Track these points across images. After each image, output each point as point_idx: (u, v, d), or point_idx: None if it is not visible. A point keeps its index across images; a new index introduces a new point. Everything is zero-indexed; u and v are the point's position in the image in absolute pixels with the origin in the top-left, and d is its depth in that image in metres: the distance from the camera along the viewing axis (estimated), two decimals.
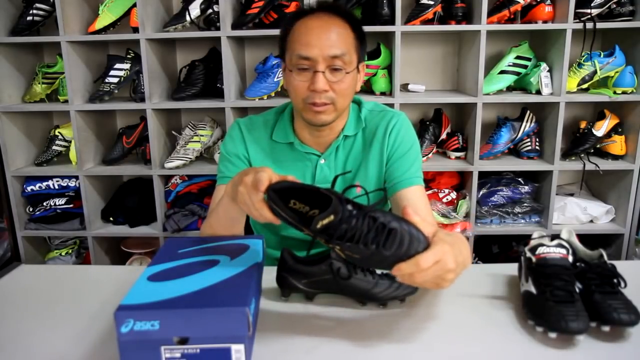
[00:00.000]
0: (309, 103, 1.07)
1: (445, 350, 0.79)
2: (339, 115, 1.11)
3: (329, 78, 1.05)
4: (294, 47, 1.06)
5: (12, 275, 1.11)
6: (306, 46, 1.04)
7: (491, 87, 2.00)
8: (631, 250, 2.07)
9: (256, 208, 0.79)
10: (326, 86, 1.04)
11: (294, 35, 1.07)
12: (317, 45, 1.03)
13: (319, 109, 1.07)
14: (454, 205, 2.10)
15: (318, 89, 1.04)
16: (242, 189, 0.81)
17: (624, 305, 0.80)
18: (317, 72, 1.04)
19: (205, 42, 2.16)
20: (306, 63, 1.04)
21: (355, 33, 1.09)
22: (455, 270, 0.74)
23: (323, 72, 1.04)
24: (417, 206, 1.11)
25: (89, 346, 0.82)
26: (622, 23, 1.91)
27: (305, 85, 1.06)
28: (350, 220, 0.71)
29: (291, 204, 0.78)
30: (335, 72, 1.05)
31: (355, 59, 1.08)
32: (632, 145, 2.01)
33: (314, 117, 1.08)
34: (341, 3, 1.93)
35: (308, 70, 1.05)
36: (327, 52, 1.03)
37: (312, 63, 1.04)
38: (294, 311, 0.91)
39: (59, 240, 2.26)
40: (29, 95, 2.15)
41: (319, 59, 1.03)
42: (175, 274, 0.79)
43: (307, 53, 1.03)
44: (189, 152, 2.09)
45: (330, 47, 1.03)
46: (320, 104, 1.06)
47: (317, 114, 1.08)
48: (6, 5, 2.05)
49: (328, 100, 1.06)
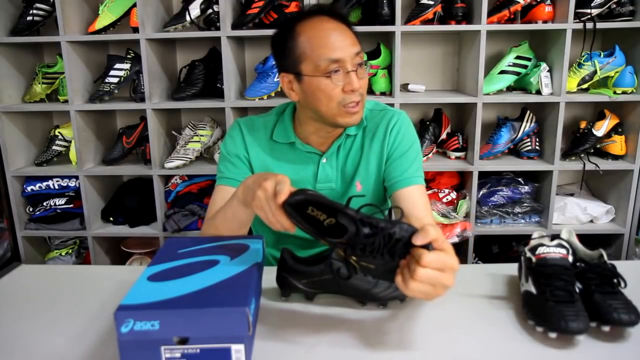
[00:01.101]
0: (346, 105, 1.05)
1: (446, 350, 0.79)
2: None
3: (359, 76, 1.05)
4: (320, 52, 1.03)
5: (12, 275, 1.11)
6: (334, 49, 1.03)
7: (491, 87, 2.00)
8: (631, 250, 2.07)
9: (274, 215, 0.80)
10: (359, 84, 1.05)
11: (310, 43, 1.04)
12: (342, 46, 1.04)
13: (356, 109, 1.06)
14: (454, 205, 2.10)
15: (356, 88, 1.04)
16: (261, 194, 0.81)
17: (624, 305, 0.80)
18: (350, 72, 1.04)
19: (205, 42, 2.16)
20: (336, 65, 1.03)
21: (354, 33, 1.10)
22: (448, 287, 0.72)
23: (354, 70, 1.04)
24: (416, 205, 1.11)
25: (89, 346, 0.82)
26: (622, 23, 1.91)
27: (339, 88, 1.04)
28: (367, 240, 0.72)
29: (309, 211, 0.78)
30: (361, 69, 1.06)
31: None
32: (632, 145, 2.01)
33: (351, 118, 1.08)
34: (341, 4, 1.93)
35: (339, 73, 1.04)
36: (352, 50, 1.04)
37: (341, 64, 1.04)
38: (294, 311, 0.91)
39: (59, 240, 2.26)
40: (29, 95, 2.15)
41: (348, 59, 1.04)
42: (175, 274, 0.79)
43: (338, 55, 1.03)
44: (189, 152, 2.09)
45: (352, 45, 1.05)
46: (358, 103, 1.06)
47: (354, 114, 1.07)
48: (6, 5, 2.05)
49: (360, 98, 1.07)
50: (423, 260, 0.69)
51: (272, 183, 0.80)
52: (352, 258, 0.74)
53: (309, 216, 0.78)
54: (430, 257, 0.69)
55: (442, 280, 0.70)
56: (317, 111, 1.08)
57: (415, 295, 0.72)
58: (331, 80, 1.03)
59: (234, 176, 1.16)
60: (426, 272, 0.69)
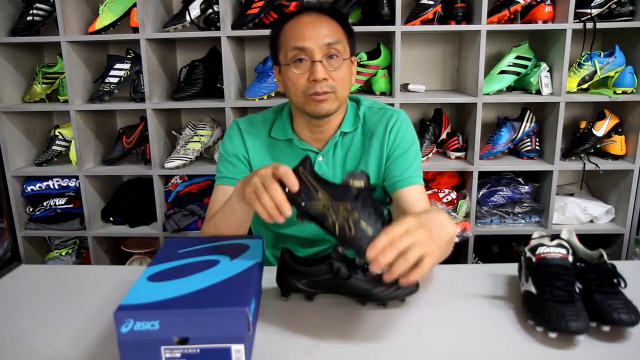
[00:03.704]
0: (310, 94, 1.07)
1: (446, 350, 0.79)
2: (340, 105, 1.12)
3: (327, 67, 1.06)
4: (288, 42, 1.07)
5: (12, 275, 1.11)
6: (301, 38, 1.06)
7: (491, 87, 2.00)
8: (631, 250, 2.07)
9: (270, 190, 0.79)
10: (326, 74, 1.05)
11: (286, 34, 1.09)
12: (311, 36, 1.05)
13: (321, 97, 1.07)
14: (454, 205, 2.10)
15: (318, 78, 1.05)
16: (257, 180, 0.82)
17: (624, 305, 0.80)
18: (315, 62, 1.05)
19: (205, 42, 2.16)
20: (302, 54, 1.06)
21: (343, 27, 1.11)
22: (433, 239, 0.75)
23: (320, 61, 1.05)
24: (417, 205, 1.11)
25: (89, 346, 0.82)
26: (622, 23, 1.91)
27: (304, 77, 1.06)
28: (374, 196, 0.77)
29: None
30: (332, 60, 1.06)
31: (348, 50, 1.10)
32: (632, 145, 2.01)
33: (317, 107, 1.08)
34: (341, 4, 1.93)
35: (305, 62, 1.06)
36: (322, 41, 1.05)
37: (309, 54, 1.05)
38: (294, 311, 0.91)
39: (59, 240, 2.26)
40: (29, 95, 2.15)
41: (315, 49, 1.05)
42: (175, 274, 0.79)
43: (303, 44, 1.05)
44: (189, 152, 2.09)
45: (324, 36, 1.05)
46: (322, 93, 1.06)
47: (319, 103, 1.08)
48: (6, 5, 2.05)
49: (329, 88, 1.07)
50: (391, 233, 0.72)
51: (269, 168, 0.82)
52: (355, 215, 0.75)
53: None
54: (394, 228, 0.72)
55: (400, 245, 0.71)
56: (291, 100, 1.13)
57: (394, 274, 0.71)
58: (296, 68, 1.06)
59: (233, 175, 1.16)
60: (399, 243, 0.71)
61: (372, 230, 0.75)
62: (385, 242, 0.71)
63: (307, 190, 0.79)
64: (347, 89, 1.13)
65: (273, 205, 0.79)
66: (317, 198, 0.78)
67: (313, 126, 1.16)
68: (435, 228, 0.78)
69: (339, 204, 0.76)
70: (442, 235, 0.80)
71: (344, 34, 1.10)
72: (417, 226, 0.74)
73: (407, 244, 0.71)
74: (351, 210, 0.75)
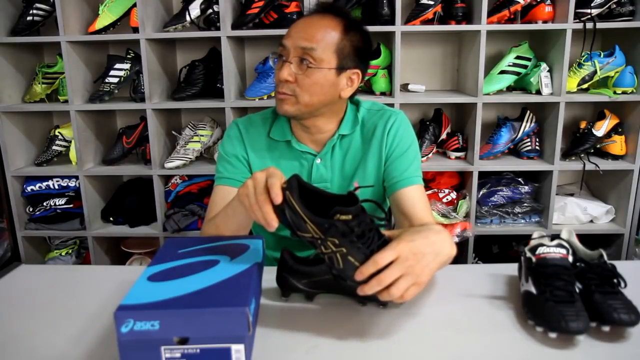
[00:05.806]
0: (277, 92, 1.08)
1: (446, 350, 0.79)
2: (305, 112, 1.09)
3: (294, 69, 1.05)
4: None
5: (12, 275, 1.11)
6: (287, 36, 1.07)
7: (491, 87, 2.00)
8: (631, 250, 2.07)
9: (258, 202, 0.80)
10: (289, 77, 1.05)
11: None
12: (292, 35, 1.06)
13: (280, 97, 1.07)
14: (454, 205, 2.10)
15: (279, 77, 1.06)
16: (250, 182, 0.82)
17: (624, 305, 0.80)
18: (285, 62, 1.05)
19: (205, 42, 2.16)
20: (282, 51, 1.06)
21: (347, 38, 1.07)
22: (427, 261, 0.76)
23: (290, 62, 1.05)
24: (417, 205, 1.11)
25: (89, 346, 0.82)
26: (622, 23, 1.91)
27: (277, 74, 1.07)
28: (364, 225, 0.74)
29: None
30: (302, 65, 1.05)
31: (333, 61, 1.05)
32: (632, 145, 2.01)
33: (278, 105, 1.09)
34: (341, 4, 1.93)
35: (282, 59, 1.07)
36: (298, 43, 1.04)
37: (283, 52, 1.06)
38: (294, 311, 0.91)
39: (59, 240, 2.26)
40: (29, 95, 2.15)
41: (291, 49, 1.05)
42: (175, 274, 0.79)
43: (284, 41, 1.06)
44: (189, 152, 2.09)
45: (302, 38, 1.04)
46: (281, 93, 1.07)
47: (279, 102, 1.08)
48: (6, 5, 2.05)
49: (289, 91, 1.06)
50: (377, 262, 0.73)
51: (264, 174, 0.81)
52: (342, 250, 0.75)
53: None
54: (382, 255, 0.74)
55: (387, 279, 0.73)
56: None
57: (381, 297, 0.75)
58: (276, 64, 1.08)
59: (233, 176, 1.16)
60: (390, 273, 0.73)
61: (360, 263, 0.75)
62: (372, 270, 0.73)
63: (296, 219, 0.77)
64: (316, 98, 1.07)
65: (261, 215, 0.80)
66: (306, 229, 0.76)
67: (302, 128, 1.16)
68: (429, 255, 0.79)
69: (327, 237, 0.75)
70: (437, 260, 0.81)
71: (338, 42, 1.05)
72: (408, 254, 0.75)
73: (396, 276, 0.73)
74: (339, 245, 0.75)
